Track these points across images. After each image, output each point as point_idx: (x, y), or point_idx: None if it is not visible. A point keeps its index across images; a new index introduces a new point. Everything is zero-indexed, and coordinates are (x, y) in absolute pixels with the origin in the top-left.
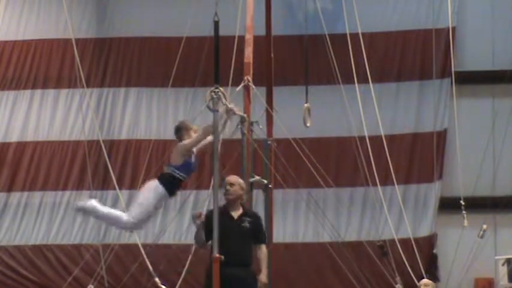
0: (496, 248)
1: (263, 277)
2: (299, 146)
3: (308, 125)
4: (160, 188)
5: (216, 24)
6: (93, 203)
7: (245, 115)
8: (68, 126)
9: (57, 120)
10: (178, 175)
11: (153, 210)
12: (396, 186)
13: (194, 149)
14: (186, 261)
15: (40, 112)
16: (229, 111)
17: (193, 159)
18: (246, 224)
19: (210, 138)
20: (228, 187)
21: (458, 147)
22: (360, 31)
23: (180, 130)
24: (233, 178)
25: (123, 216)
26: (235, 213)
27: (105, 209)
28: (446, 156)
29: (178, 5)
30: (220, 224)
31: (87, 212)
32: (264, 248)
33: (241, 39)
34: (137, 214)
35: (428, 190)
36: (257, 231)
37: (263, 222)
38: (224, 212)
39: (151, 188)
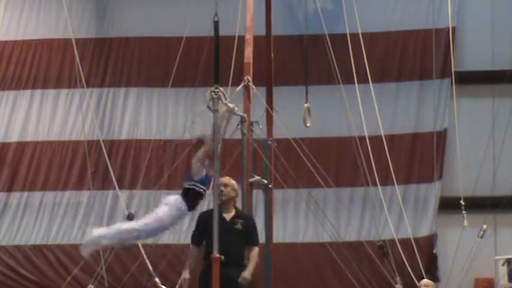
0: (496, 248)
1: (246, 273)
2: (299, 146)
3: (308, 125)
4: (183, 205)
5: (216, 24)
6: (97, 231)
7: (245, 115)
8: (68, 126)
9: (57, 120)
10: (201, 189)
11: (169, 227)
12: (396, 186)
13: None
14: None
15: (40, 112)
16: (230, 112)
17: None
18: (239, 226)
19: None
20: (222, 188)
21: (458, 147)
22: (360, 31)
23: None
24: (226, 179)
25: (134, 224)
26: (228, 215)
27: (113, 228)
28: (446, 156)
29: (178, 5)
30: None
31: (97, 243)
32: (255, 250)
33: (241, 39)
34: (151, 223)
35: (428, 190)
36: (249, 232)
37: (256, 225)
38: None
39: (174, 205)
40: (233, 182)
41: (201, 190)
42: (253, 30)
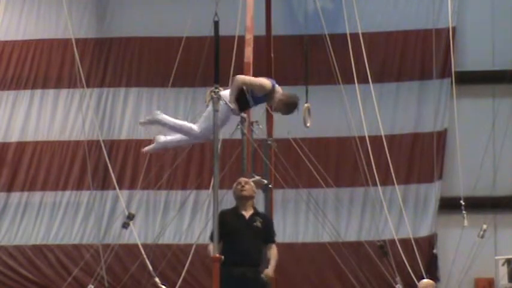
0: (496, 248)
1: (270, 270)
2: (299, 146)
3: (308, 125)
4: (229, 105)
5: (216, 24)
6: (160, 114)
7: (245, 115)
8: (68, 126)
9: (57, 120)
10: (250, 101)
11: (221, 125)
12: (396, 186)
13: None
14: (186, 261)
15: (40, 112)
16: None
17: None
18: (258, 224)
19: None
20: (244, 184)
21: (458, 147)
22: (360, 31)
23: None
24: (245, 180)
25: (194, 126)
26: (247, 213)
27: (175, 121)
28: (446, 156)
29: (178, 5)
30: (232, 224)
31: (154, 122)
32: (274, 247)
33: (241, 39)
34: (202, 122)
35: (428, 190)
36: (268, 229)
37: (273, 223)
38: (235, 212)
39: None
40: (253, 184)
41: (250, 101)
42: (253, 30)
